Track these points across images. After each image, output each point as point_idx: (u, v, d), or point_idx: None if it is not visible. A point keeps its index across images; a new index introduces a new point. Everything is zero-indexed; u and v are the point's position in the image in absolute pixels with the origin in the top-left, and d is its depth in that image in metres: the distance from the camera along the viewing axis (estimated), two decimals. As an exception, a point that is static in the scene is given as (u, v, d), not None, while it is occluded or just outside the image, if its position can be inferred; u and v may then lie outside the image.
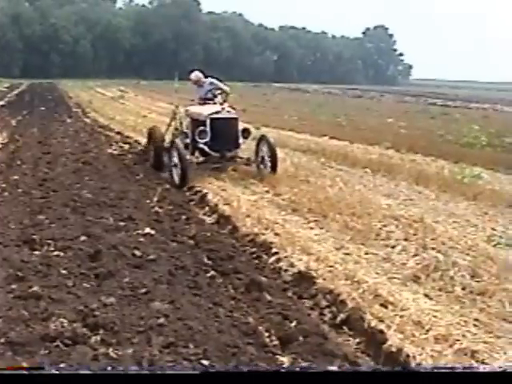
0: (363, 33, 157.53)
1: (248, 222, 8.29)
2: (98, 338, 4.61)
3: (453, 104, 52.01)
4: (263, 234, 7.82)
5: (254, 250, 7.47)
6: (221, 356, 4.38)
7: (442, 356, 4.68)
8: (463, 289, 6.16)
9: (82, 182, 10.90)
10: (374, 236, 7.94)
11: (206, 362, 4.25)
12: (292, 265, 6.72)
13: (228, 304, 5.61)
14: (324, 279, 6.28)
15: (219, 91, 13.36)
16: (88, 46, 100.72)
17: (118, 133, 19.31)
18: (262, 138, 12.47)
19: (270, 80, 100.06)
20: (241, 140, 12.15)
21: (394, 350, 4.83)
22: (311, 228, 8.33)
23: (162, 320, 4.91)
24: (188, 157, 11.62)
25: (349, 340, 5.25)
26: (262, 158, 12.15)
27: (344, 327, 5.43)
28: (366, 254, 7.27)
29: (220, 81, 13.96)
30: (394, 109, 39.42)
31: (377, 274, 6.57)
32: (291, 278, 6.52)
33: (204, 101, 13.12)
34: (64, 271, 6.06)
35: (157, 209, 9.19)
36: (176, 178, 11.28)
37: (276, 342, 4.89)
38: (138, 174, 12.20)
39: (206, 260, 6.92)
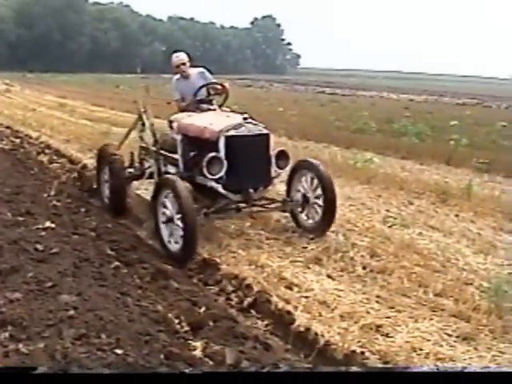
0: (251, 23, 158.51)
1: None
2: (7, 334, 4.51)
3: (341, 92, 53.24)
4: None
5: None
6: (134, 344, 4.40)
7: (349, 332, 4.87)
8: (364, 268, 6.40)
9: (-26, 178, 10.57)
10: (273, 222, 8.10)
11: (119, 351, 4.25)
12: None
13: (135, 293, 5.60)
14: (228, 265, 6.41)
15: (215, 91, 8.69)
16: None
17: (8, 127, 18.78)
18: (301, 165, 7.86)
19: (159, 71, 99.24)
20: (274, 171, 7.50)
21: (302, 329, 4.99)
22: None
23: (71, 312, 4.83)
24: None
25: (257, 323, 5.38)
26: (304, 197, 7.74)
27: (252, 310, 5.57)
28: (268, 239, 7.42)
29: (210, 73, 9.12)
30: (284, 97, 39.82)
31: (279, 257, 6.72)
32: (196, 266, 6.61)
33: (197, 104, 8.53)
34: (-36, 271, 5.90)
35: (55, 202, 9.03)
36: (172, 243, 6.87)
37: (187, 328, 4.94)
38: (33, 169, 11.92)
39: (109, 251, 6.87)
